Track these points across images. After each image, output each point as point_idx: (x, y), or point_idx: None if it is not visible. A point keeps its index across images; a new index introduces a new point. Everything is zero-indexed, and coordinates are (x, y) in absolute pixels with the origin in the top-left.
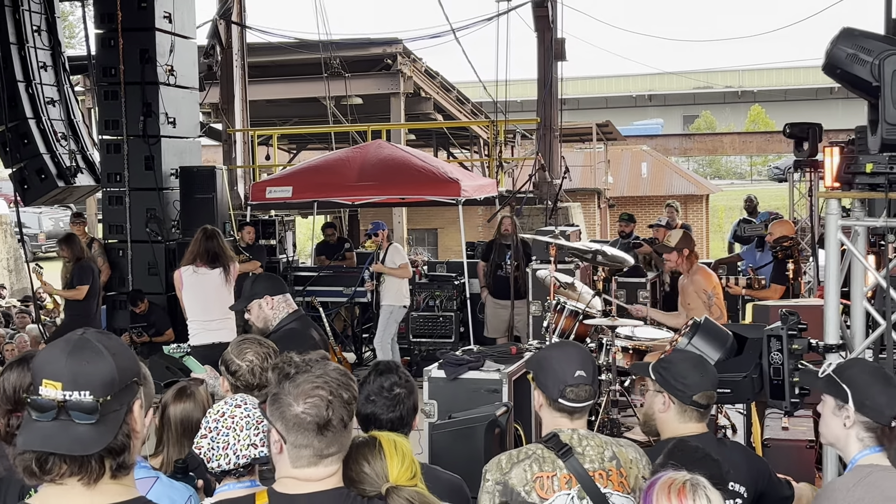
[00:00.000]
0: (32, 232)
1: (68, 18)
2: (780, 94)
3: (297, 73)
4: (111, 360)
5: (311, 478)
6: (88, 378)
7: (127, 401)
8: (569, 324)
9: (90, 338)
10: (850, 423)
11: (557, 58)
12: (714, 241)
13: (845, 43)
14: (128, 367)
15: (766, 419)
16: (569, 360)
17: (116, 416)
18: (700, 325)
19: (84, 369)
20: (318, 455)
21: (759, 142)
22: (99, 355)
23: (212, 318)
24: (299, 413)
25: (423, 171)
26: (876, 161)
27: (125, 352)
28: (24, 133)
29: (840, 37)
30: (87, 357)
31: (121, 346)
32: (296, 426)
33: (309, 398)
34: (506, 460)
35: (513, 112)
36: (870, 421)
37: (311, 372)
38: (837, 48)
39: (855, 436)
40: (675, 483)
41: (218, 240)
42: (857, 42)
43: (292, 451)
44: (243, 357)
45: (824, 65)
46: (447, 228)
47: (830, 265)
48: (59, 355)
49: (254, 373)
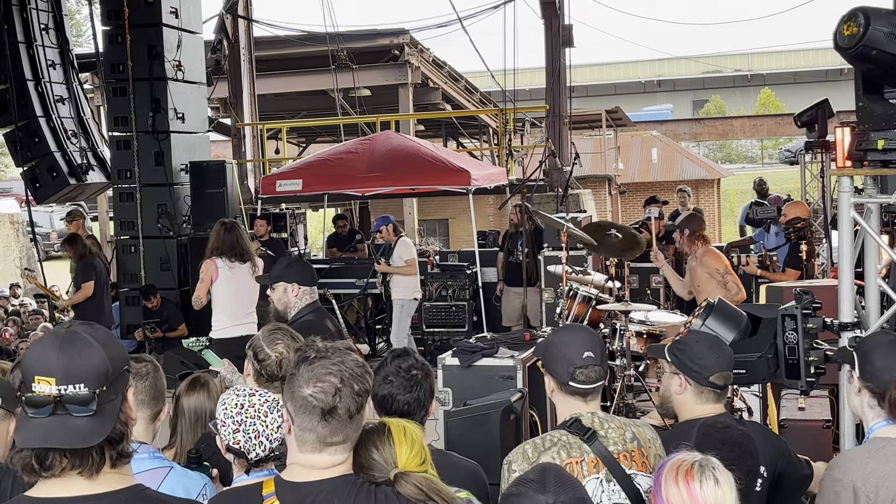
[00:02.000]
0: (45, 231)
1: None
2: (789, 76)
3: (305, 66)
4: (102, 350)
5: (317, 465)
6: (81, 371)
7: (121, 389)
8: (582, 310)
9: (78, 330)
10: (857, 391)
11: (565, 44)
12: (726, 226)
13: (880, 22)
14: (118, 355)
15: (782, 400)
16: (576, 343)
17: (113, 405)
18: (714, 306)
19: (76, 362)
20: (321, 442)
21: (769, 125)
22: (89, 347)
23: (243, 311)
24: (307, 396)
25: (433, 161)
26: (888, 137)
27: (113, 341)
28: (35, 131)
29: (869, 16)
30: (78, 350)
31: (108, 336)
32: (302, 408)
33: (319, 382)
34: (531, 449)
35: (521, 100)
36: (871, 385)
37: (329, 358)
38: (874, 29)
39: (867, 404)
40: (684, 465)
41: (238, 231)
42: (891, 20)
43: (298, 434)
44: (274, 347)
45: (855, 49)
46: (458, 218)
47: (844, 243)
48: (49, 351)
49: (281, 365)
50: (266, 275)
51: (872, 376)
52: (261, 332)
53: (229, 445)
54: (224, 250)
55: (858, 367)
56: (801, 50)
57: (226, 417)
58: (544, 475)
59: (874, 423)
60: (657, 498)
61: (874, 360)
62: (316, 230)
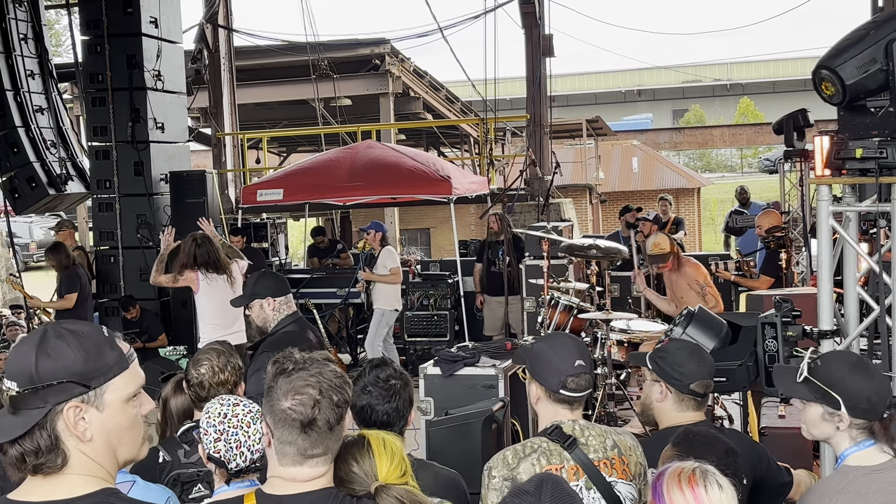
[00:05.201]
0: (24, 241)
1: (55, 26)
2: (768, 85)
3: (286, 75)
4: (38, 357)
5: (297, 478)
6: (14, 368)
7: (52, 401)
8: (563, 318)
9: (50, 331)
10: (845, 426)
11: (545, 54)
12: (707, 234)
13: (848, 67)
14: (61, 367)
15: (763, 408)
16: (567, 351)
17: (35, 414)
18: (694, 315)
19: (12, 359)
20: (302, 454)
21: (748, 134)
22: (32, 349)
23: (228, 321)
24: (286, 409)
25: (414, 171)
26: (865, 146)
27: (71, 355)
28: (14, 142)
29: (836, 70)
30: (26, 349)
31: (70, 349)
32: (282, 421)
33: (297, 395)
34: (511, 456)
35: (502, 110)
36: (864, 421)
37: (307, 370)
38: (849, 79)
39: (848, 435)
40: (685, 472)
41: (209, 245)
42: (857, 63)
43: (278, 447)
44: (198, 368)
45: (845, 104)
46: (439, 228)
47: (823, 251)
48: (20, 346)
49: (202, 385)
50: (239, 297)
51: (868, 413)
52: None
53: (210, 454)
54: (200, 264)
55: (847, 407)
56: (780, 59)
57: (208, 426)
58: (541, 488)
59: (848, 448)
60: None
61: (866, 395)
62: (297, 240)
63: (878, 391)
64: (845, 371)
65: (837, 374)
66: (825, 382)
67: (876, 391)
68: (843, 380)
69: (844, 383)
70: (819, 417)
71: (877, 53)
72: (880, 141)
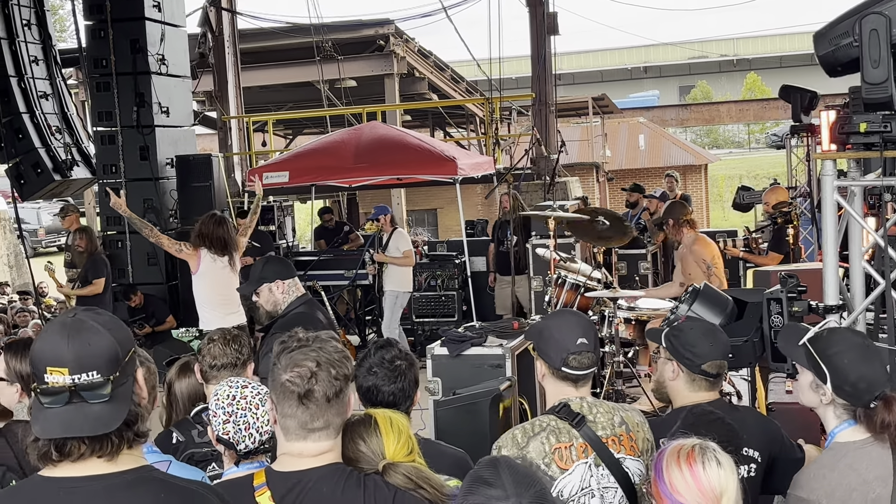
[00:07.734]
0: (32, 227)
1: (58, 12)
2: (775, 60)
3: (290, 57)
4: (109, 335)
5: (304, 453)
6: (93, 358)
7: (131, 371)
8: (570, 297)
9: (84, 318)
10: (827, 401)
11: (550, 32)
12: (714, 211)
13: (822, 45)
14: (125, 338)
15: (770, 383)
16: (570, 328)
17: (126, 388)
18: (700, 291)
19: (87, 351)
20: (303, 428)
21: (755, 109)
22: (98, 333)
23: (225, 303)
24: (284, 381)
25: (419, 150)
26: (869, 120)
27: (119, 325)
28: (19, 128)
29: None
30: (87, 338)
31: (113, 320)
32: (282, 394)
33: (296, 367)
34: (521, 434)
35: (508, 89)
36: (847, 403)
37: (308, 346)
38: (821, 55)
39: (832, 412)
40: (684, 449)
41: (227, 227)
42: (829, 35)
43: (281, 422)
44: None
45: (827, 71)
46: (446, 208)
47: (828, 225)
48: (58, 340)
49: (214, 367)
50: (246, 284)
51: (853, 397)
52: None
53: (219, 436)
54: (212, 241)
55: (832, 385)
56: (787, 34)
57: (217, 408)
58: (498, 474)
59: (836, 426)
60: (659, 483)
61: (854, 380)
62: (304, 222)
63: (869, 379)
64: (843, 349)
65: (834, 349)
66: (820, 354)
67: (866, 378)
68: (838, 356)
69: (837, 360)
70: (808, 385)
71: (850, 27)
72: (884, 115)
